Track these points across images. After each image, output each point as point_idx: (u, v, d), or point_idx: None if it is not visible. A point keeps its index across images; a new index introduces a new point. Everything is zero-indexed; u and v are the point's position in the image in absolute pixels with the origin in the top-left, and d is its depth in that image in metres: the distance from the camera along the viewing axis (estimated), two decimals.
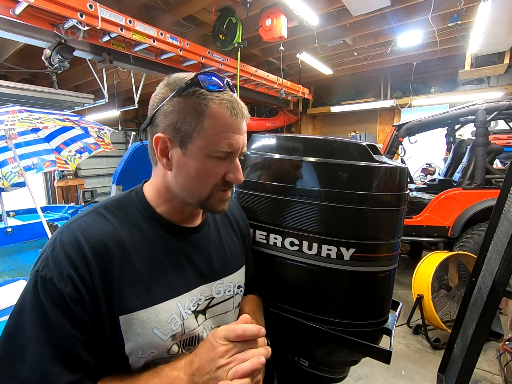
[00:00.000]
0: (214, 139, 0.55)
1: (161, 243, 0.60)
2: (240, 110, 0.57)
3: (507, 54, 4.11)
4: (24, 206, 4.03)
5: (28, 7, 2.36)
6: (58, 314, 0.49)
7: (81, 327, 0.50)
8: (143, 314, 0.54)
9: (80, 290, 0.50)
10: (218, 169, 0.58)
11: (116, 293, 0.52)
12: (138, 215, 0.61)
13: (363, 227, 0.73)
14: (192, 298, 0.62)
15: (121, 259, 0.54)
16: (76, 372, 0.49)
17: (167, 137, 0.57)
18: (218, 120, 0.55)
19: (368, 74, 6.39)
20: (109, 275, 0.52)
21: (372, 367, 2.26)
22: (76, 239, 0.52)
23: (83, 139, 3.36)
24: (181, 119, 0.55)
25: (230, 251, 0.72)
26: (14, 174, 3.33)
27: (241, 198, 0.87)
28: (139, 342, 0.54)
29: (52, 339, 0.48)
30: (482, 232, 2.87)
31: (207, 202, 0.61)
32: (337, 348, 0.79)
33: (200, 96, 0.55)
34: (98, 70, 3.58)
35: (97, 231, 0.55)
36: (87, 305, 0.50)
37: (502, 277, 1.17)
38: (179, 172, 0.59)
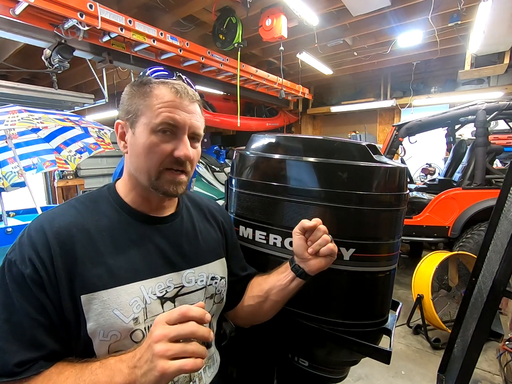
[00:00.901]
0: (155, 113, 0.60)
1: (127, 230, 0.63)
2: (183, 90, 0.62)
3: (507, 54, 4.11)
4: (24, 206, 4.02)
5: (28, 7, 2.36)
6: (19, 295, 0.52)
7: (40, 308, 0.53)
8: (104, 295, 0.56)
9: (40, 272, 0.53)
10: (164, 145, 0.61)
11: (78, 274, 0.55)
12: (107, 205, 0.65)
13: (363, 227, 0.73)
14: (159, 284, 0.63)
15: (85, 243, 0.58)
16: (31, 351, 0.51)
17: (123, 122, 0.64)
18: (159, 98, 0.60)
19: (368, 74, 6.39)
20: (71, 257, 0.56)
21: (372, 367, 2.25)
22: (41, 226, 0.57)
23: (83, 139, 3.36)
24: (130, 102, 0.63)
25: (205, 243, 0.74)
26: (14, 174, 3.33)
27: (241, 198, 0.87)
28: (99, 322, 0.55)
29: (12, 318, 0.51)
30: (482, 232, 2.86)
31: (157, 182, 0.62)
32: (337, 348, 0.79)
33: (147, 82, 0.62)
34: (98, 70, 3.58)
35: (63, 218, 0.59)
36: (46, 286, 0.53)
37: (502, 277, 1.17)
38: (132, 151, 0.63)
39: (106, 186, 0.70)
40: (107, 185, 0.70)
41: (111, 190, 0.68)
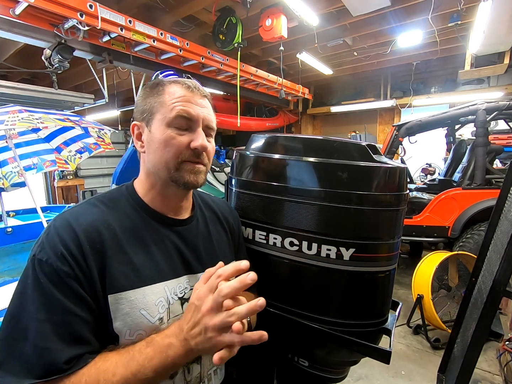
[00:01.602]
0: (169, 108, 0.62)
1: (149, 231, 0.64)
2: (194, 85, 0.65)
3: (507, 54, 4.11)
4: (24, 206, 4.02)
5: (28, 7, 2.36)
6: (56, 292, 0.51)
7: (79, 303, 0.52)
8: (131, 294, 0.57)
9: (74, 269, 0.53)
10: (180, 137, 0.62)
11: (108, 273, 0.55)
12: (127, 205, 0.65)
13: (363, 227, 0.73)
14: (179, 285, 0.64)
15: (112, 242, 0.58)
16: (77, 348, 0.51)
17: (139, 123, 0.66)
18: (172, 94, 0.63)
19: (368, 74, 6.39)
20: (101, 256, 0.56)
21: (372, 367, 2.25)
22: (68, 223, 0.56)
23: (83, 139, 3.36)
24: (146, 102, 0.65)
25: (218, 246, 0.75)
26: (14, 174, 3.33)
27: (241, 198, 0.87)
28: (126, 321, 0.56)
29: (52, 317, 0.50)
30: (482, 232, 2.86)
31: (177, 174, 0.63)
32: (337, 348, 0.79)
33: (160, 83, 0.65)
34: (98, 70, 3.57)
35: (89, 216, 0.59)
36: (82, 282, 0.53)
37: (502, 277, 1.17)
38: (149, 148, 0.64)
39: (125, 185, 0.70)
40: (125, 185, 0.70)
41: (130, 189, 0.68)
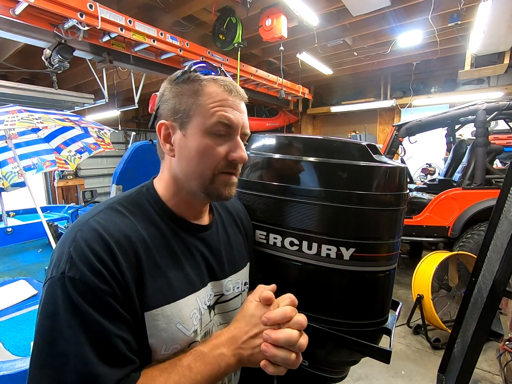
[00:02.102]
0: (209, 113, 0.56)
1: (176, 239, 0.60)
2: (235, 88, 0.58)
3: (507, 54, 4.11)
4: (24, 206, 4.02)
5: (28, 7, 2.36)
6: (94, 312, 0.46)
7: (119, 323, 0.48)
8: (168, 309, 0.54)
9: (113, 287, 0.48)
10: (219, 148, 0.57)
11: (142, 288, 0.52)
12: (151, 211, 0.60)
13: (363, 227, 0.73)
14: (207, 294, 0.63)
15: (145, 255, 0.53)
16: (122, 368, 0.47)
17: (169, 123, 0.58)
18: (213, 97, 0.56)
19: (368, 74, 6.39)
20: (137, 270, 0.51)
21: (372, 367, 2.26)
22: (99, 235, 0.50)
23: (83, 139, 3.36)
24: (179, 101, 0.57)
25: (237, 249, 0.73)
26: (14, 174, 3.33)
27: (241, 198, 0.87)
28: (163, 337, 0.53)
29: (92, 339, 0.46)
30: (482, 232, 2.87)
31: (211, 186, 0.58)
32: (337, 348, 0.79)
33: (195, 79, 0.57)
34: (98, 70, 3.58)
35: (118, 226, 0.53)
36: (121, 300, 0.49)
37: (502, 277, 1.17)
38: (181, 155, 0.58)
39: (144, 186, 0.64)
40: (145, 186, 0.64)
41: (152, 192, 0.62)
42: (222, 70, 0.61)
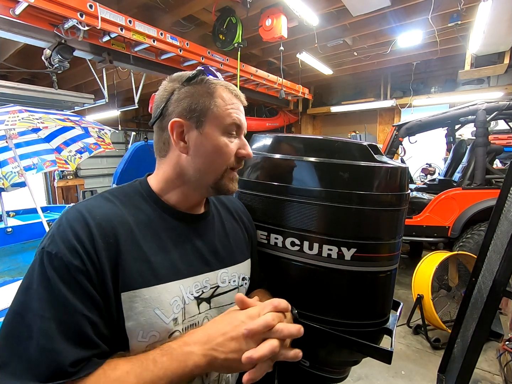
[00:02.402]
0: (225, 114, 0.61)
1: (165, 226, 0.62)
2: (240, 93, 0.66)
3: (507, 54, 4.11)
4: (24, 206, 4.02)
5: (28, 7, 2.36)
6: (65, 289, 0.48)
7: (88, 302, 0.49)
8: (146, 293, 0.54)
9: (86, 264, 0.50)
10: (232, 145, 0.63)
11: (120, 270, 0.53)
12: (142, 200, 0.63)
13: (364, 227, 0.73)
14: (196, 284, 0.62)
15: (126, 237, 0.55)
16: (84, 350, 0.48)
17: (183, 121, 0.61)
18: (226, 100, 0.62)
19: (368, 74, 6.39)
20: (115, 251, 0.53)
21: (372, 367, 2.26)
22: (82, 216, 0.53)
23: (83, 139, 3.36)
24: (195, 101, 0.61)
25: (235, 242, 0.73)
26: (14, 174, 3.33)
27: (242, 198, 0.87)
28: (140, 321, 0.53)
29: (59, 315, 0.47)
30: (482, 232, 2.87)
31: (221, 181, 0.64)
32: (338, 348, 0.79)
33: (208, 82, 0.62)
34: (98, 70, 3.58)
35: (103, 210, 0.56)
36: (94, 279, 0.50)
37: (502, 277, 1.17)
38: (197, 152, 0.62)
39: (138, 181, 0.67)
40: (138, 181, 0.67)
41: (144, 185, 0.65)
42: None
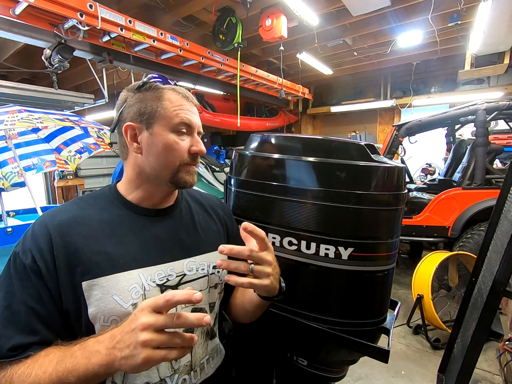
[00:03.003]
0: (173, 115, 0.66)
1: (127, 222, 0.68)
2: (189, 95, 0.71)
3: (507, 54, 4.11)
4: (24, 206, 4.02)
5: (28, 7, 2.36)
6: (19, 284, 0.57)
7: (36, 297, 0.57)
8: (103, 281, 0.59)
9: (38, 262, 0.57)
10: (182, 143, 0.68)
11: (79, 262, 0.59)
12: (108, 201, 0.70)
13: (361, 227, 0.73)
14: (158, 272, 0.66)
15: (85, 233, 0.62)
16: (25, 337, 0.55)
17: (135, 124, 0.67)
18: (173, 102, 0.67)
19: (368, 74, 6.39)
20: (72, 247, 0.60)
21: (372, 367, 2.25)
22: (43, 221, 0.63)
23: (83, 139, 3.36)
24: (144, 105, 0.67)
25: (205, 234, 0.76)
26: (14, 174, 3.33)
27: (240, 197, 0.87)
28: (100, 307, 0.58)
29: (11, 305, 0.56)
30: (482, 232, 2.86)
31: (177, 175, 0.68)
32: (336, 347, 0.79)
33: (156, 88, 0.68)
34: (98, 70, 3.58)
35: (64, 213, 0.65)
36: (44, 276, 0.57)
37: (502, 277, 1.17)
38: (149, 151, 0.67)
39: (107, 186, 0.74)
40: (108, 186, 0.75)
41: (112, 189, 0.72)
42: (175, 83, 0.73)
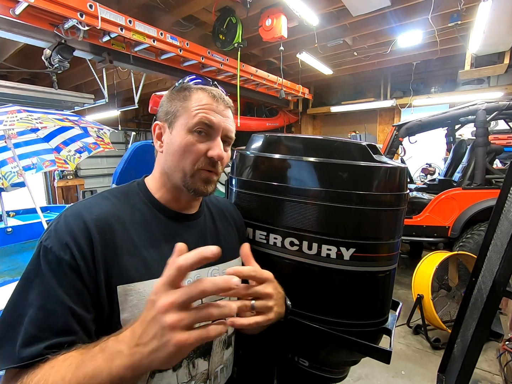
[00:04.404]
0: (192, 114, 0.63)
1: (158, 225, 0.65)
2: (220, 95, 0.66)
3: (507, 54, 4.11)
4: (24, 206, 4.02)
5: (28, 7, 2.36)
6: (54, 282, 0.51)
7: (74, 296, 0.52)
8: (140, 286, 0.57)
9: (77, 259, 0.52)
10: (199, 145, 0.63)
11: (116, 264, 0.56)
12: (138, 200, 0.66)
13: (363, 227, 0.73)
14: (188, 280, 0.63)
15: (122, 233, 0.59)
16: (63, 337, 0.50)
17: (161, 123, 0.67)
18: (198, 101, 0.64)
19: (368, 74, 6.39)
20: (110, 246, 0.56)
21: (372, 367, 2.25)
22: (79, 213, 0.57)
23: (83, 139, 3.36)
24: (171, 104, 0.66)
25: (225, 241, 0.75)
26: (13, 174, 3.33)
27: (241, 198, 0.87)
28: (134, 313, 0.55)
29: (47, 306, 0.50)
30: (482, 232, 2.87)
31: (190, 180, 0.64)
32: (337, 348, 0.79)
33: (187, 87, 0.66)
34: (98, 70, 3.58)
35: (100, 207, 0.60)
36: (83, 274, 0.53)
37: (502, 277, 1.17)
38: (167, 149, 0.66)
39: (135, 181, 0.71)
40: (136, 181, 0.71)
41: (141, 185, 0.69)
42: (215, 83, 0.70)
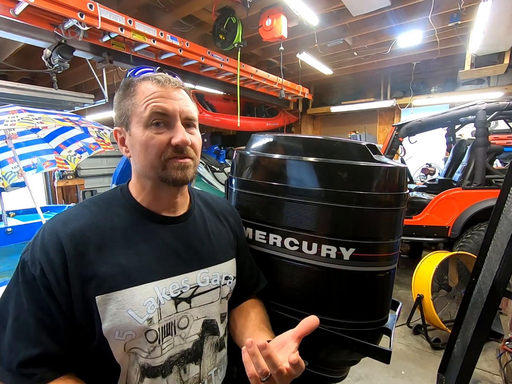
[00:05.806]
0: (142, 108, 0.60)
1: (141, 230, 0.64)
2: (165, 78, 0.63)
3: (507, 54, 4.11)
4: (24, 206, 4.02)
5: (28, 7, 2.36)
6: (27, 294, 0.54)
7: (45, 309, 0.54)
8: (119, 295, 0.57)
9: (47, 275, 0.54)
10: (159, 136, 0.60)
11: (93, 275, 0.56)
12: (119, 205, 0.65)
13: (363, 227, 0.73)
14: (173, 285, 0.63)
15: (99, 244, 0.58)
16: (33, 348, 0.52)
17: (119, 128, 0.65)
18: (144, 93, 0.61)
19: (368, 74, 6.38)
20: (85, 259, 0.57)
21: (372, 367, 2.25)
22: (54, 228, 0.58)
23: (83, 139, 3.36)
24: (121, 106, 0.64)
25: (218, 243, 0.73)
26: (14, 174, 3.33)
27: (241, 198, 0.87)
28: (115, 322, 0.56)
29: (20, 316, 0.54)
30: (482, 232, 2.86)
31: (164, 172, 0.62)
32: (337, 348, 0.79)
33: (130, 83, 0.63)
34: (98, 70, 3.57)
35: (77, 220, 0.60)
36: (54, 289, 0.54)
37: (502, 277, 1.17)
38: (133, 152, 0.64)
39: (119, 186, 0.70)
40: (120, 186, 0.70)
41: (124, 190, 0.68)
42: (159, 68, 0.67)
